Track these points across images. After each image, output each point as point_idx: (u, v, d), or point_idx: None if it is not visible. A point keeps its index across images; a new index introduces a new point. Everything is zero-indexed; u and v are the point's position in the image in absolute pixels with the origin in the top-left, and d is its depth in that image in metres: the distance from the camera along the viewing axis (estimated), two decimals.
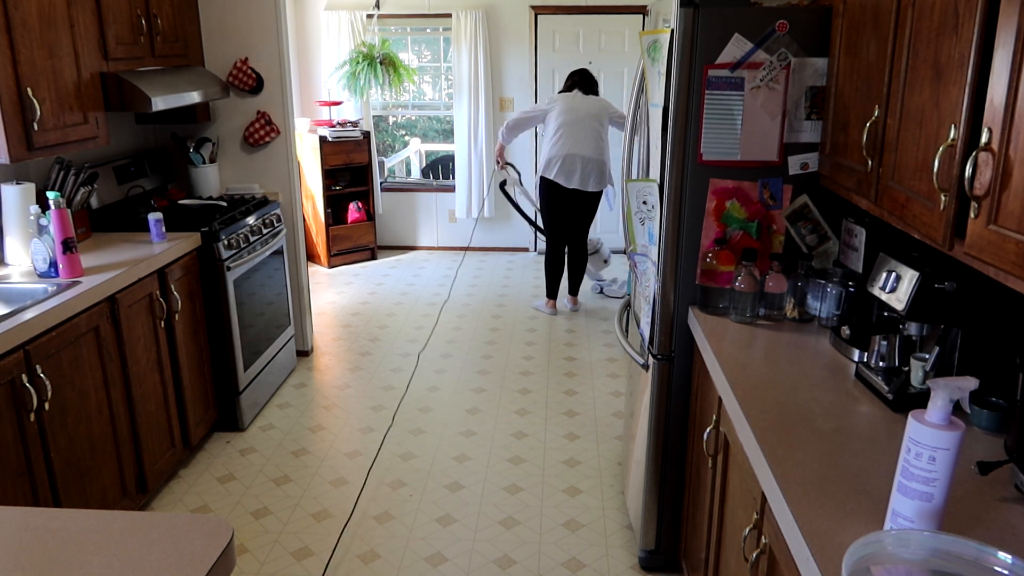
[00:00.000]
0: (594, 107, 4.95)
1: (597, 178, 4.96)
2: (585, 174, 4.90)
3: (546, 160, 4.94)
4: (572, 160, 4.88)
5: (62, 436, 2.41)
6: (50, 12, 2.70)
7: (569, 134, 4.87)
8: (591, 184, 4.95)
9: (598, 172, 4.95)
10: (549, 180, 4.94)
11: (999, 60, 1.21)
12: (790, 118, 2.15)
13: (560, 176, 4.90)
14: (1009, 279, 1.22)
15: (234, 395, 3.56)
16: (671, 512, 2.54)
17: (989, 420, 1.56)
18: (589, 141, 4.90)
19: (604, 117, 4.95)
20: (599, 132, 4.94)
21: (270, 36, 4.05)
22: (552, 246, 5.16)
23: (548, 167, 4.93)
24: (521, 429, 3.65)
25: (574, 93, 4.96)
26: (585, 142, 4.89)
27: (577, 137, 4.88)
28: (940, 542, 1.09)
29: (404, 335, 4.86)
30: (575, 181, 4.91)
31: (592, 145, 4.91)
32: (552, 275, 5.21)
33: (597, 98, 4.99)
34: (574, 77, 5.05)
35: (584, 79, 5.03)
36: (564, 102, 4.91)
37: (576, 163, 4.88)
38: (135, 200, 3.72)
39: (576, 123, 4.88)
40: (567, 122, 4.87)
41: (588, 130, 4.89)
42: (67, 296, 2.47)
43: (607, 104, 5.02)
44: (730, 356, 1.96)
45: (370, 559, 2.71)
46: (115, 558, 1.15)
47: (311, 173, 6.16)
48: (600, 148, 4.96)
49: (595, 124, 4.93)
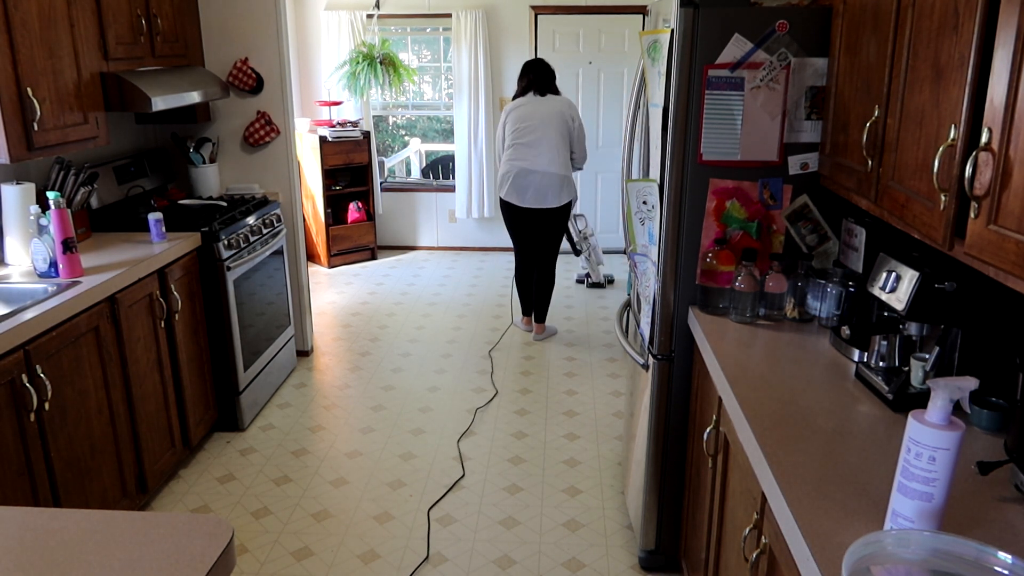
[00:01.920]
0: (549, 112, 4.41)
1: (556, 193, 4.46)
2: (540, 191, 4.44)
3: (499, 177, 4.57)
4: (524, 175, 4.43)
5: (62, 436, 2.41)
6: (50, 12, 2.70)
7: (520, 147, 4.43)
8: (549, 200, 4.46)
9: (556, 187, 4.45)
10: (502, 199, 4.56)
11: (999, 60, 1.21)
12: (790, 118, 2.15)
13: (512, 195, 4.48)
14: (1009, 279, 1.22)
15: (234, 395, 3.56)
16: (671, 512, 2.54)
17: (989, 420, 1.56)
18: (544, 154, 4.41)
19: (562, 123, 4.42)
20: (555, 142, 4.41)
21: (270, 36, 4.05)
22: (518, 267, 4.81)
23: (501, 185, 4.55)
24: (521, 429, 3.65)
25: (527, 98, 4.48)
26: (539, 155, 4.41)
27: (529, 150, 4.42)
28: (940, 542, 1.09)
29: (404, 335, 4.85)
30: (529, 199, 4.46)
31: (547, 158, 4.40)
32: (522, 294, 4.86)
33: (556, 99, 4.46)
34: (528, 76, 4.52)
35: (539, 76, 4.50)
36: (515, 112, 4.46)
37: (529, 179, 4.43)
38: (135, 200, 3.72)
39: (528, 133, 4.42)
40: (518, 132, 4.43)
41: (543, 141, 4.41)
42: (67, 296, 2.47)
43: (565, 107, 4.45)
44: (730, 356, 1.96)
45: (370, 559, 2.71)
46: (115, 558, 1.15)
47: (311, 173, 6.16)
48: (557, 160, 4.42)
49: (551, 133, 4.41)
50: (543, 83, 4.49)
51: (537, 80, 4.49)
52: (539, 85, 4.48)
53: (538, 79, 4.49)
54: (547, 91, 4.48)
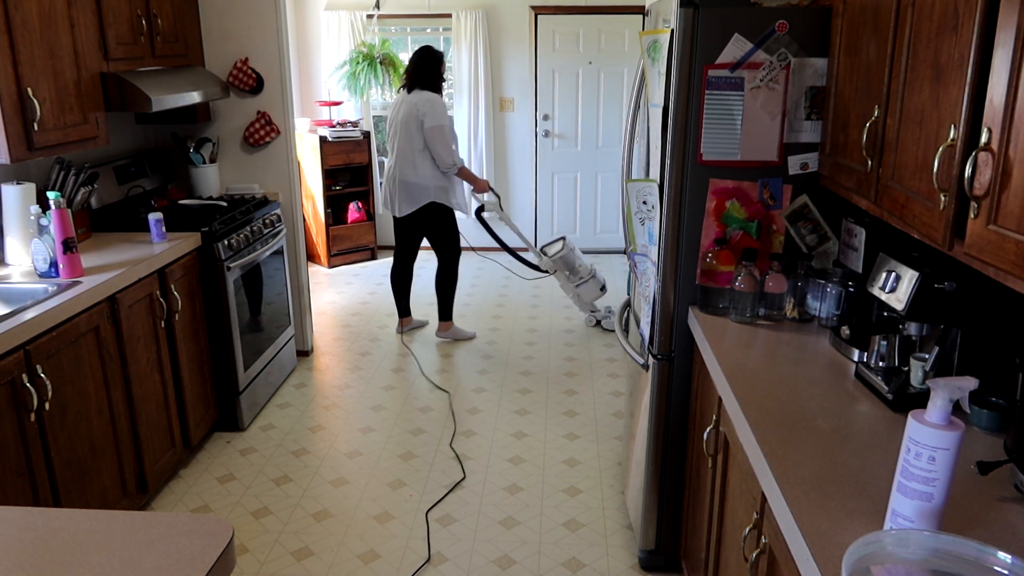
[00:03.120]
0: (404, 113, 4.21)
1: (406, 200, 4.27)
2: (391, 197, 4.34)
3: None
4: (387, 179, 4.36)
5: (62, 436, 2.41)
6: (50, 12, 2.70)
7: (389, 150, 4.35)
8: (399, 207, 4.30)
9: (405, 193, 4.26)
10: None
11: (999, 60, 1.21)
12: (790, 118, 2.15)
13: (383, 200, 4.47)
14: (1009, 279, 1.22)
15: (234, 395, 3.56)
16: (671, 512, 2.54)
17: (989, 420, 1.56)
18: (396, 157, 4.27)
19: (412, 124, 4.18)
20: (403, 145, 4.22)
21: (270, 36, 4.05)
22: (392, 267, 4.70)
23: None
24: (521, 429, 3.65)
25: (399, 96, 4.31)
26: (393, 160, 4.29)
27: (392, 153, 4.31)
28: (940, 542, 1.09)
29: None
30: (388, 205, 4.40)
31: (399, 161, 4.25)
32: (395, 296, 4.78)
33: (416, 96, 4.20)
34: (408, 68, 4.30)
35: (413, 70, 4.25)
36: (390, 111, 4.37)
37: (388, 183, 4.35)
38: (135, 200, 3.72)
39: (390, 137, 4.28)
40: (388, 135, 4.31)
41: (395, 145, 4.28)
42: (67, 296, 2.47)
43: (420, 105, 4.16)
44: (730, 356, 1.96)
45: (370, 559, 2.71)
46: (115, 558, 1.15)
47: (311, 173, 6.16)
48: (406, 165, 4.22)
49: (402, 135, 4.22)
50: (414, 78, 4.26)
51: (409, 75, 4.28)
52: (410, 80, 4.27)
53: (410, 74, 4.27)
54: (416, 86, 4.24)
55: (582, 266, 4.82)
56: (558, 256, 4.80)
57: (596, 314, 4.97)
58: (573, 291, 4.86)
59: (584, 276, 4.82)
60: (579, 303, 4.92)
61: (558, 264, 4.79)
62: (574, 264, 4.82)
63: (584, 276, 4.82)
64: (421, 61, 4.27)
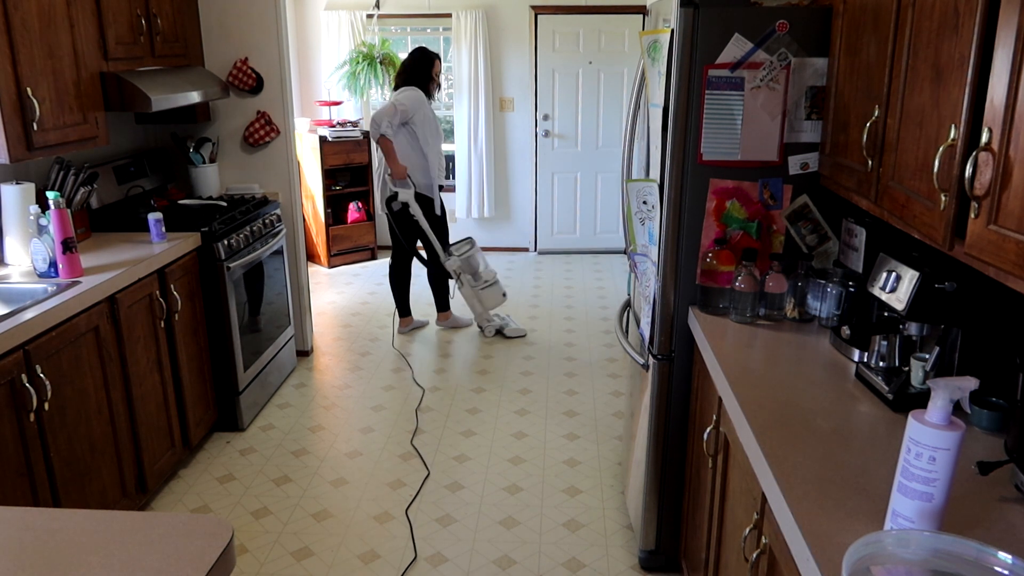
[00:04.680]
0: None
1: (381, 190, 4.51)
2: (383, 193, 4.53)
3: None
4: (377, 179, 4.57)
5: (62, 436, 2.41)
6: (50, 12, 2.70)
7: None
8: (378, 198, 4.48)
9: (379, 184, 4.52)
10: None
11: (999, 60, 1.21)
12: (790, 118, 2.15)
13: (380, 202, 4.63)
14: (1009, 279, 1.21)
15: (234, 395, 3.55)
16: (671, 512, 2.54)
17: (989, 420, 1.56)
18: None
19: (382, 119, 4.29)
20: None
21: (270, 36, 4.05)
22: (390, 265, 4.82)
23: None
24: (521, 429, 3.65)
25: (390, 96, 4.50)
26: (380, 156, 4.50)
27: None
28: (940, 542, 1.09)
29: (404, 335, 4.85)
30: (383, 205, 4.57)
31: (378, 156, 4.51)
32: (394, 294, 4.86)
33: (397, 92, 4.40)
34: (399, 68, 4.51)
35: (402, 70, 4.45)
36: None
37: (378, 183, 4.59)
38: (135, 200, 3.72)
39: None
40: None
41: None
42: (67, 296, 2.47)
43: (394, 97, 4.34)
44: (730, 356, 1.96)
45: (370, 559, 2.71)
46: (115, 558, 1.15)
47: (311, 173, 6.16)
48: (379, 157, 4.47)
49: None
50: (401, 76, 4.44)
51: (399, 74, 4.45)
52: (398, 79, 4.44)
53: (399, 73, 4.45)
54: (402, 85, 4.41)
55: (486, 270, 4.67)
56: (464, 256, 4.61)
57: (494, 323, 4.79)
58: (474, 296, 4.68)
59: (488, 280, 4.65)
60: (480, 310, 4.73)
61: (463, 266, 4.61)
62: (477, 267, 4.64)
63: (488, 280, 4.65)
64: (412, 61, 4.43)
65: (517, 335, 4.80)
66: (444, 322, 4.92)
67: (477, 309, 4.74)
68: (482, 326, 4.81)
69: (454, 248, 4.67)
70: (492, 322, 4.80)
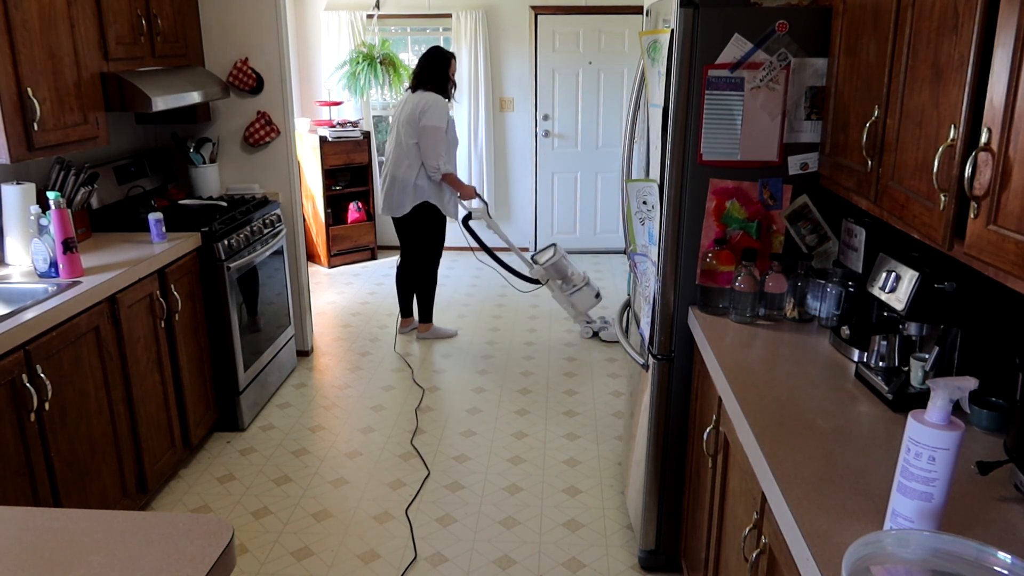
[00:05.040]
0: (406, 110, 4.25)
1: (399, 199, 4.32)
2: (389, 196, 4.37)
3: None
4: (383, 180, 4.42)
5: (62, 436, 2.41)
6: (50, 12, 2.70)
7: (388, 150, 4.42)
8: (395, 207, 4.34)
9: (399, 192, 4.31)
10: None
11: (999, 60, 1.21)
12: (790, 118, 2.15)
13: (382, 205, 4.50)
14: (1009, 279, 1.22)
15: (234, 395, 3.56)
16: (671, 512, 2.54)
17: (989, 420, 1.56)
18: (392, 154, 4.32)
19: (410, 122, 4.22)
20: (403, 142, 4.27)
21: (270, 36, 4.05)
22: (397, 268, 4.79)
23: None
24: (521, 429, 3.65)
25: (404, 96, 4.38)
26: (391, 156, 4.34)
27: (390, 153, 4.36)
28: (940, 542, 1.09)
29: (404, 335, 4.85)
30: (383, 205, 4.43)
31: (393, 159, 4.31)
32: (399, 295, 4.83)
33: (417, 95, 4.26)
34: (415, 68, 4.38)
35: (418, 70, 4.32)
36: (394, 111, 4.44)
37: (385, 183, 4.40)
38: (135, 200, 3.72)
39: (392, 135, 4.35)
40: (389, 134, 4.38)
41: (396, 141, 4.32)
42: (67, 296, 2.47)
43: (419, 104, 4.20)
44: (730, 356, 1.96)
45: (370, 559, 2.71)
46: (115, 558, 1.15)
47: (311, 173, 6.16)
48: (402, 163, 4.27)
49: (405, 132, 4.26)
50: (418, 77, 4.33)
51: (415, 75, 4.36)
52: (415, 80, 4.35)
53: (416, 73, 4.35)
54: (419, 87, 4.31)
55: (575, 273, 4.58)
56: (549, 263, 4.54)
57: (592, 325, 4.79)
58: (567, 301, 4.61)
59: (578, 284, 4.58)
60: (574, 313, 4.65)
61: (549, 272, 4.55)
62: (566, 272, 4.57)
63: (578, 284, 4.58)
64: (428, 61, 4.33)
65: (612, 340, 4.72)
66: (425, 334, 4.78)
67: (571, 312, 4.65)
68: (580, 327, 4.84)
69: (537, 256, 4.62)
70: (590, 324, 4.78)
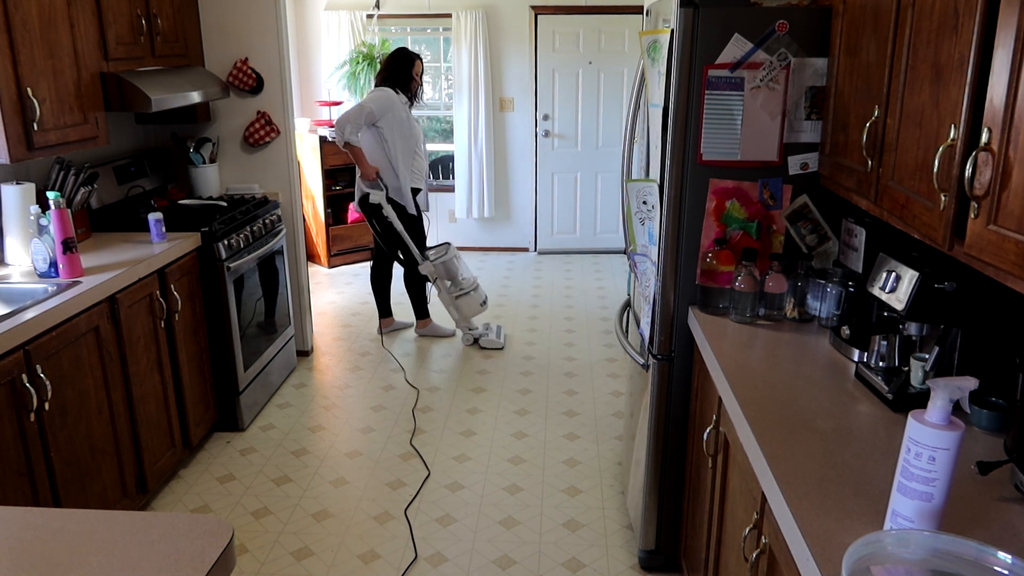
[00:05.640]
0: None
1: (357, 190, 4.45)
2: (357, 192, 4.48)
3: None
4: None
5: (62, 436, 2.41)
6: (50, 12, 2.70)
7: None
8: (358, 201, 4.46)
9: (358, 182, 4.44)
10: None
11: (999, 60, 1.21)
12: (790, 118, 2.15)
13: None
14: (1009, 279, 1.22)
15: (234, 395, 3.55)
16: (671, 512, 2.54)
17: (989, 420, 1.56)
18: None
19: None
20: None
21: (270, 36, 4.05)
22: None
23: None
24: (521, 429, 3.65)
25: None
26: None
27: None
28: (940, 542, 1.09)
29: (404, 335, 4.85)
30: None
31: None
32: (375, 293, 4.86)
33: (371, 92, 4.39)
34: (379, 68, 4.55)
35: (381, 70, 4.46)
36: None
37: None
38: (135, 200, 3.72)
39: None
40: None
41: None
42: (67, 296, 2.47)
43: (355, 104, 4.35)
44: (730, 356, 1.96)
45: (370, 559, 2.71)
46: (115, 558, 1.15)
47: (311, 173, 6.16)
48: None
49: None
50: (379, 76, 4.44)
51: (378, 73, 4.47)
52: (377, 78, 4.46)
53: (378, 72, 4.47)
54: (379, 84, 4.41)
55: (465, 278, 4.50)
56: (439, 261, 4.45)
57: (473, 332, 4.61)
58: (452, 303, 4.52)
59: (466, 288, 4.49)
60: (457, 317, 4.57)
61: (439, 270, 4.45)
62: (456, 273, 4.48)
63: (466, 288, 4.49)
64: (390, 61, 4.41)
65: (492, 347, 4.59)
66: (423, 329, 4.77)
67: (454, 316, 4.59)
68: (461, 333, 4.70)
69: (431, 252, 4.54)
70: (472, 331, 4.63)
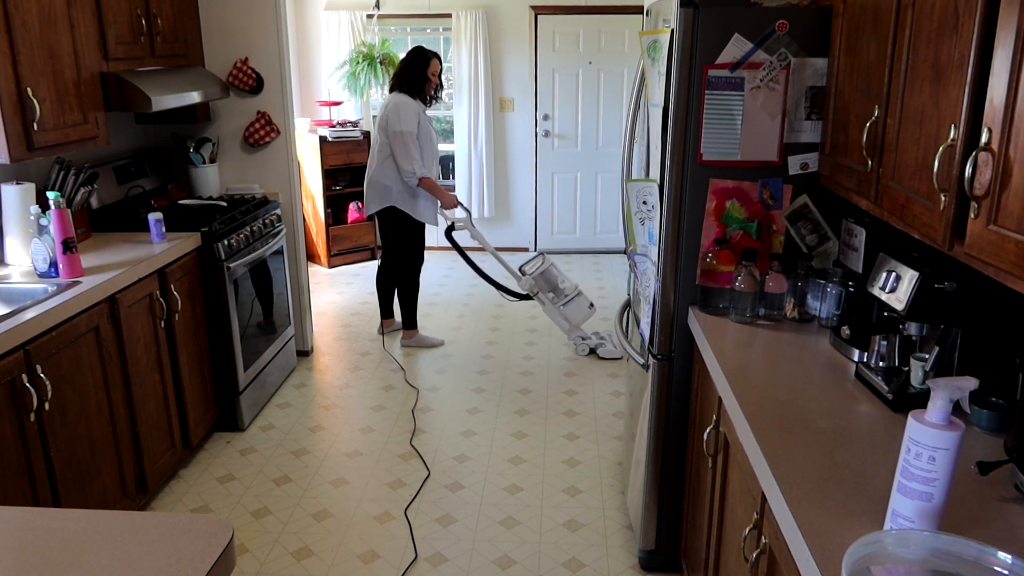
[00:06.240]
0: (382, 112, 4.27)
1: (372, 199, 4.34)
2: (366, 195, 4.39)
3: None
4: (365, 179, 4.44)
5: (62, 436, 2.41)
6: (50, 12, 2.70)
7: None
8: (367, 206, 4.39)
9: (372, 193, 4.33)
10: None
11: (999, 60, 1.21)
12: (790, 118, 2.15)
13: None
14: (1009, 279, 1.22)
15: (234, 395, 3.55)
16: (671, 512, 2.54)
17: (989, 420, 1.56)
18: (371, 157, 4.37)
19: (381, 124, 4.23)
20: (377, 144, 4.29)
21: (270, 36, 4.05)
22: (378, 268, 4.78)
23: None
24: (521, 429, 3.65)
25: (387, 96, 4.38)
26: (370, 158, 4.39)
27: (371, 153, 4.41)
28: (940, 542, 1.09)
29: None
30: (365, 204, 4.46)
31: (372, 161, 4.34)
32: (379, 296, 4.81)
33: (391, 97, 4.25)
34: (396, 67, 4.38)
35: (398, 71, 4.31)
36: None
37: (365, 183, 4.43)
38: (135, 200, 3.72)
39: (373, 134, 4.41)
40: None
41: (374, 141, 4.34)
42: (67, 296, 2.47)
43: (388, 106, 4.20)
44: (730, 356, 1.96)
45: (370, 559, 2.71)
46: (115, 558, 1.15)
47: (311, 173, 6.16)
48: (374, 164, 4.31)
49: (376, 135, 4.31)
50: (396, 77, 4.31)
51: (394, 75, 4.34)
52: (392, 80, 4.34)
53: (395, 74, 4.34)
54: (396, 87, 4.29)
55: (566, 283, 4.35)
56: (538, 273, 4.31)
57: (588, 341, 4.44)
58: (559, 313, 4.35)
59: (569, 294, 4.33)
60: (567, 327, 4.38)
61: (539, 283, 4.33)
62: (556, 282, 4.33)
63: (569, 294, 4.33)
64: (407, 61, 4.30)
65: (611, 357, 4.37)
66: (409, 340, 4.65)
67: (563, 326, 4.38)
68: (575, 344, 4.47)
69: (526, 267, 4.41)
70: (586, 340, 4.42)
